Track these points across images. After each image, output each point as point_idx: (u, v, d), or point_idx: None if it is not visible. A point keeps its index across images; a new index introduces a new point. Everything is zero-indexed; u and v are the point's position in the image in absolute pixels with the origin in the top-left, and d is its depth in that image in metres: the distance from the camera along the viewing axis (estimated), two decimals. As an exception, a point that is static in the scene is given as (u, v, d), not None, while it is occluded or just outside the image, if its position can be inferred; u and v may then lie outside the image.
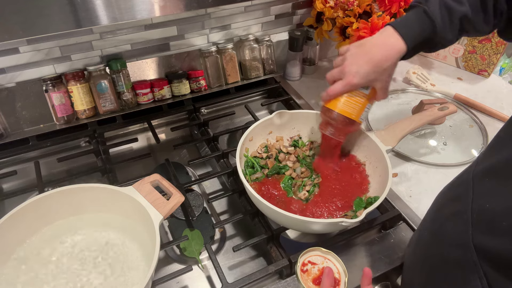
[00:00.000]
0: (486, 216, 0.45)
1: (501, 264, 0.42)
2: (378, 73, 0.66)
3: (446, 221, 0.53)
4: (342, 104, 0.69)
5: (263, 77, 1.10)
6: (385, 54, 0.65)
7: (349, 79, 0.66)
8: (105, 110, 0.93)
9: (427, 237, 0.58)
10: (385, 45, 0.65)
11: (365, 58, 0.65)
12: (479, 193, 0.48)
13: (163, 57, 0.98)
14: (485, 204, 0.46)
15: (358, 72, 0.65)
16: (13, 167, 0.89)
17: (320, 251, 0.58)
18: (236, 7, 1.00)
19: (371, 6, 0.98)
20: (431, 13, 0.63)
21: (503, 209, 0.43)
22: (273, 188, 0.75)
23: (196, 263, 0.72)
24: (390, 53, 0.65)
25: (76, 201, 0.68)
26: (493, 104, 1.07)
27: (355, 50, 0.68)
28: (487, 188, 0.47)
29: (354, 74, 0.66)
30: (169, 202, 0.66)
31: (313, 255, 0.58)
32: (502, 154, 0.46)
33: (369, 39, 0.68)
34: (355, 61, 0.66)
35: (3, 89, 0.85)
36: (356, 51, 0.67)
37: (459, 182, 0.54)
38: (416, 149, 0.93)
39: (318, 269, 0.57)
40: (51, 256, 0.65)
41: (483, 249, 0.44)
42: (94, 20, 0.72)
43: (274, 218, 0.71)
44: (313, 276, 0.56)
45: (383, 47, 0.65)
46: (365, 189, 0.76)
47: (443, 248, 0.52)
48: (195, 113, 1.02)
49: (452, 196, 0.55)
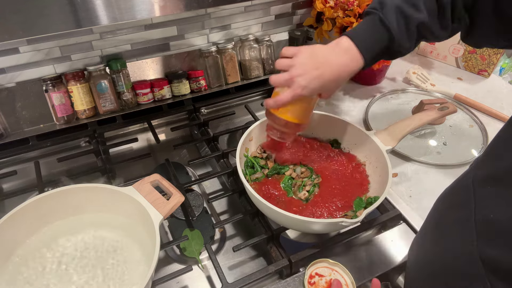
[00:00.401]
0: (491, 227, 0.44)
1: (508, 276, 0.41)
2: (325, 88, 0.64)
3: (449, 229, 0.52)
4: (291, 112, 0.67)
5: (263, 77, 1.10)
6: (337, 74, 0.62)
7: (297, 91, 0.63)
8: (105, 110, 0.93)
9: (429, 243, 0.57)
10: (338, 64, 0.62)
11: (315, 73, 0.62)
12: (481, 201, 0.46)
13: (163, 57, 0.98)
14: (489, 214, 0.44)
15: (307, 86, 0.62)
16: (13, 167, 0.89)
17: (327, 262, 0.58)
18: (236, 7, 1.00)
19: (371, 6, 0.98)
20: (388, 21, 0.61)
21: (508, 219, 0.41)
22: (273, 188, 0.75)
23: (196, 263, 0.72)
24: (342, 73, 0.62)
25: (76, 201, 0.68)
26: (493, 104, 1.07)
27: (305, 59, 0.63)
28: (490, 196, 0.45)
29: (303, 87, 0.62)
30: (169, 202, 0.66)
31: (320, 266, 0.58)
32: (503, 160, 0.45)
33: (323, 50, 0.64)
34: (304, 72, 0.62)
35: (3, 89, 0.85)
36: (306, 62, 0.63)
37: (459, 187, 0.53)
38: (416, 149, 0.93)
39: (326, 281, 0.56)
40: (51, 256, 0.65)
41: (490, 262, 0.43)
42: (94, 20, 0.71)
43: (274, 218, 0.71)
44: None
45: (336, 66, 0.62)
46: (365, 189, 0.76)
47: (446, 257, 0.51)
48: (195, 113, 1.02)
49: (453, 202, 0.54)
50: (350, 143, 0.84)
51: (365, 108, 1.05)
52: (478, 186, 0.48)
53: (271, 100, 0.66)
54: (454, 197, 0.54)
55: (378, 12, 0.62)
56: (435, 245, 0.55)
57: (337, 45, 0.64)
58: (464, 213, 0.48)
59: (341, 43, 0.64)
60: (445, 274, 0.50)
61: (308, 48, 0.65)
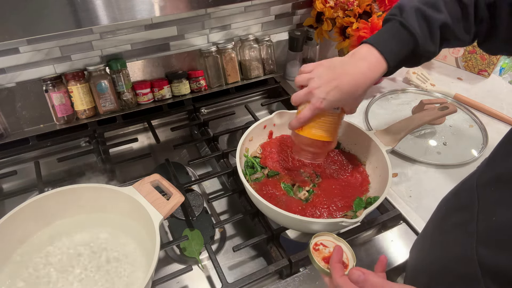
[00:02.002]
0: (491, 229, 0.43)
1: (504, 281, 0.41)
2: (346, 100, 0.62)
3: (450, 231, 0.51)
4: (317, 130, 0.66)
5: (263, 77, 1.10)
6: (355, 84, 0.61)
7: (317, 105, 0.62)
8: (105, 110, 0.93)
9: (429, 246, 0.57)
10: (355, 72, 0.61)
11: (333, 84, 0.61)
12: (485, 203, 0.46)
13: (163, 57, 0.98)
14: (492, 216, 0.44)
15: (326, 99, 0.61)
16: (13, 167, 0.89)
17: (332, 237, 0.59)
18: (236, 7, 1.00)
19: (371, 6, 0.98)
20: (409, 24, 0.59)
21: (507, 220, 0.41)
22: (273, 188, 0.75)
23: (196, 263, 0.72)
24: (361, 81, 0.61)
25: (76, 201, 0.68)
26: (493, 104, 1.07)
27: (323, 71, 0.62)
28: (494, 199, 0.45)
29: (321, 100, 0.61)
30: (169, 202, 0.66)
31: (325, 239, 0.59)
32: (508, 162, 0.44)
33: (340, 60, 0.63)
34: (322, 84, 0.61)
35: (3, 89, 0.85)
36: (324, 73, 0.62)
37: (463, 190, 0.53)
38: (416, 149, 0.93)
39: (329, 252, 0.58)
40: (51, 256, 0.65)
41: (486, 264, 0.42)
42: (94, 20, 0.71)
43: (274, 218, 0.71)
44: (323, 255, 0.57)
45: (353, 75, 0.61)
46: (365, 189, 0.76)
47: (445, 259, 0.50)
48: (195, 113, 1.02)
49: (456, 205, 0.53)
50: (350, 143, 0.84)
51: (365, 108, 1.05)
52: (482, 189, 0.47)
53: (294, 120, 0.66)
54: (458, 199, 0.54)
55: (398, 17, 0.61)
56: (435, 247, 0.55)
57: (354, 54, 0.63)
58: (467, 215, 0.48)
59: (358, 51, 0.63)
60: (443, 276, 0.50)
61: (327, 61, 0.64)
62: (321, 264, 0.55)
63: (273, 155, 0.81)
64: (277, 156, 0.81)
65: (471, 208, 0.47)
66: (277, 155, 0.81)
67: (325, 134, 0.67)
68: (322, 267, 0.54)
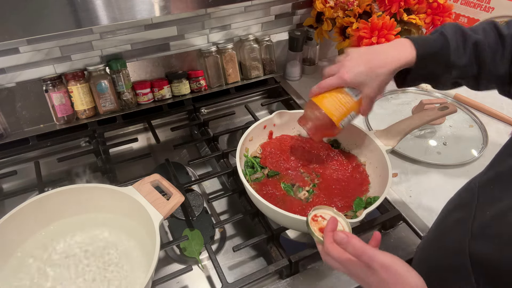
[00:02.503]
0: (483, 224, 0.45)
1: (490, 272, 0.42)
2: (370, 76, 0.65)
3: (450, 229, 0.53)
4: (328, 102, 0.68)
5: (263, 77, 1.10)
6: (384, 61, 0.65)
7: (341, 73, 0.66)
8: (105, 110, 0.93)
9: (430, 243, 0.58)
10: (386, 52, 0.65)
11: (365, 58, 0.66)
12: (483, 201, 0.48)
13: (163, 57, 0.98)
14: (486, 211, 0.46)
15: (352, 69, 0.66)
16: (13, 167, 0.89)
17: (332, 211, 0.60)
18: (236, 7, 1.00)
19: (371, 6, 0.98)
20: (447, 33, 0.63)
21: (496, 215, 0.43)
22: (273, 188, 0.75)
23: (196, 263, 0.72)
24: (388, 61, 0.64)
25: (76, 201, 0.68)
26: (493, 104, 1.07)
27: (362, 50, 0.68)
28: (490, 195, 0.47)
29: (347, 70, 0.66)
30: (169, 202, 0.66)
31: (325, 213, 0.60)
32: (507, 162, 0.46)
33: (380, 45, 0.69)
34: (354, 59, 0.67)
35: (3, 89, 0.85)
36: (361, 52, 0.68)
37: (465, 190, 0.55)
38: (416, 149, 0.93)
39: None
40: (51, 256, 0.65)
41: (476, 256, 0.44)
42: (94, 20, 0.71)
43: (274, 218, 0.71)
44: (320, 226, 0.58)
45: (384, 54, 0.65)
46: (365, 189, 0.76)
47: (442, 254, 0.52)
48: (195, 113, 1.02)
49: (458, 204, 0.56)
50: (350, 143, 0.84)
51: (365, 108, 1.05)
52: (482, 189, 0.49)
53: (315, 86, 0.70)
54: (460, 199, 0.56)
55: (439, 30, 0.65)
56: (435, 243, 0.57)
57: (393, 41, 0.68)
58: (465, 213, 0.49)
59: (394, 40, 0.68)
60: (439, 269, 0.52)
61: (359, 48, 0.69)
62: (316, 233, 0.56)
63: (273, 155, 0.81)
64: (277, 156, 0.81)
65: (470, 205, 0.49)
66: (277, 155, 0.81)
67: (334, 113, 0.68)
68: (317, 236, 0.56)
